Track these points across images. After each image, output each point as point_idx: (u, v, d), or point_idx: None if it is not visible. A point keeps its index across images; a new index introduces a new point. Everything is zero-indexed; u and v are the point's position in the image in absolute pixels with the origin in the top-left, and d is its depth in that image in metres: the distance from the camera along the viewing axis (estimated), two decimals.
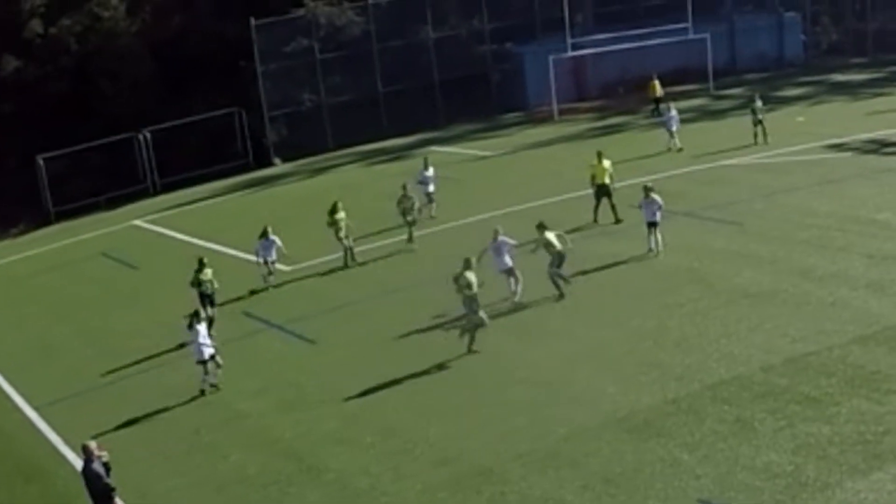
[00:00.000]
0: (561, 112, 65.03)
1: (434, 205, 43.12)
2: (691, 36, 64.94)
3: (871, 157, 44.63)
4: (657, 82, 61.61)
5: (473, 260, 29.67)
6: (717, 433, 22.58)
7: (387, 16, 66.54)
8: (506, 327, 30.50)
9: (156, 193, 61.30)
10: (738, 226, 36.80)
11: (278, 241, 37.79)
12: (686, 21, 64.70)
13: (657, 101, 61.29)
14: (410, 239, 39.78)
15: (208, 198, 57.82)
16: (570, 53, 64.93)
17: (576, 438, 23.32)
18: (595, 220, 39.05)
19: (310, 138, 64.50)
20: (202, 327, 29.39)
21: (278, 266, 37.95)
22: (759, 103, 48.70)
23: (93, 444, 20.85)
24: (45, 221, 58.89)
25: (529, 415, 24.79)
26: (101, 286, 42.77)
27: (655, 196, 34.63)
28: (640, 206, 35.02)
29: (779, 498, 19.85)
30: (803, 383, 24.31)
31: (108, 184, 59.83)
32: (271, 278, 37.86)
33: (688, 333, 27.97)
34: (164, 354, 32.72)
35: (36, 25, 62.24)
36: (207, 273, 33.98)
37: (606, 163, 39.24)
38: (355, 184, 53.95)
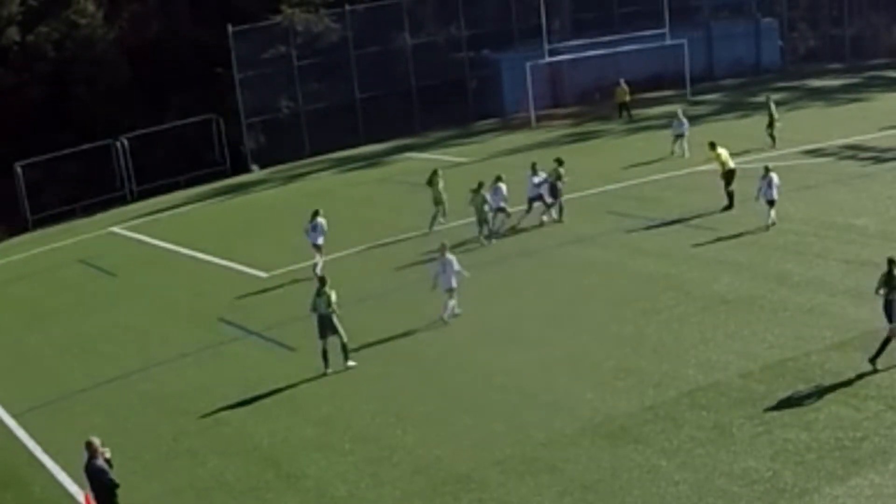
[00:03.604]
0: (538, 119, 65.06)
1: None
2: (668, 42, 65.13)
3: (848, 163, 44.81)
4: (624, 87, 61.87)
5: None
6: (695, 439, 22.64)
7: (364, 23, 66.42)
8: (482, 334, 30.56)
9: (133, 200, 61.06)
10: (715, 232, 36.90)
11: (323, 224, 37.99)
12: (663, 27, 64.90)
13: (623, 105, 61.64)
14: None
15: (185, 204, 57.67)
16: (547, 60, 65.06)
17: (553, 445, 23.36)
18: (731, 205, 39.61)
19: (287, 145, 64.41)
20: (452, 257, 31.28)
21: (256, 272, 37.86)
22: (772, 105, 49.49)
23: (97, 441, 20.83)
24: (23, 229, 58.56)
25: (507, 421, 24.82)
26: (78, 293, 42.55)
27: (773, 175, 36.64)
28: (760, 189, 36.96)
29: None
30: (781, 389, 24.41)
31: (85, 191, 59.59)
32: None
33: (665, 340, 28.05)
34: (141, 361, 32.64)
35: (13, 33, 61.86)
36: (332, 294, 29.34)
37: (721, 149, 40.45)
38: (329, 190, 54.04)
